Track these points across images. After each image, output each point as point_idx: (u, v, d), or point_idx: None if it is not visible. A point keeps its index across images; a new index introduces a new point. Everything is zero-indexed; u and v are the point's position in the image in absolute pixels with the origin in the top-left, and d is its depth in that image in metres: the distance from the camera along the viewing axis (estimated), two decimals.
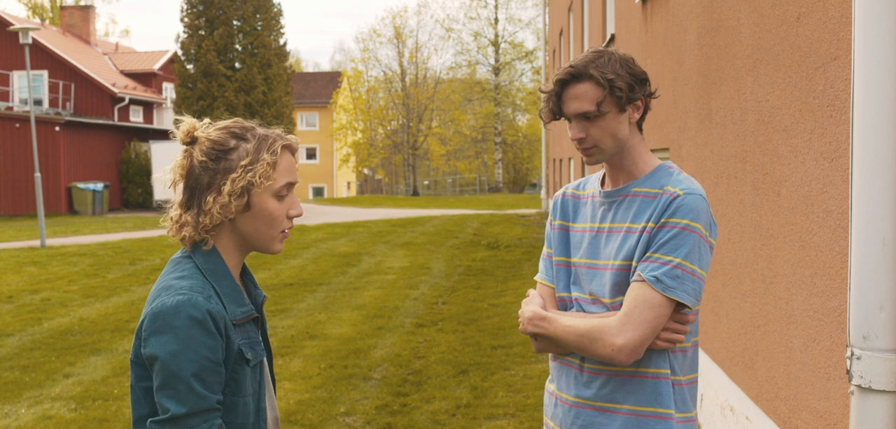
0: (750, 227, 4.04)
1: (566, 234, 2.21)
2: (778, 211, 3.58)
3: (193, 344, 1.71)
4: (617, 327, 1.95)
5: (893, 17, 2.26)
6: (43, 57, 32.60)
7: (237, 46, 30.00)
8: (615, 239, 2.06)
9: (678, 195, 1.98)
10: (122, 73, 36.95)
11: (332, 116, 49.98)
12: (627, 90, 2.01)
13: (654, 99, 2.12)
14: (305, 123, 52.15)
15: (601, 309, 2.07)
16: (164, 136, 33.57)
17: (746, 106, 4.07)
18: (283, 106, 30.10)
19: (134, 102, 35.43)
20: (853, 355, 2.39)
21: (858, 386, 2.39)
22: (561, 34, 20.53)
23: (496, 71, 50.16)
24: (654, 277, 1.94)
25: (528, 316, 2.14)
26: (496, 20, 49.84)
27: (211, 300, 1.77)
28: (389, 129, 50.61)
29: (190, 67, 29.59)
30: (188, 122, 1.87)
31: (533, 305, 2.16)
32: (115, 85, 33.80)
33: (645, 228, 2.00)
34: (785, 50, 3.45)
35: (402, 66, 49.33)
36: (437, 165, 53.25)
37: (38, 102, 32.13)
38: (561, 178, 20.24)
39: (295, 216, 1.90)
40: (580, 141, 2.06)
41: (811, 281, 3.15)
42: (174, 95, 31.46)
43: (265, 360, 1.95)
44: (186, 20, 29.75)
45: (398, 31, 49.16)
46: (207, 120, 1.92)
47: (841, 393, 2.84)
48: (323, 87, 53.69)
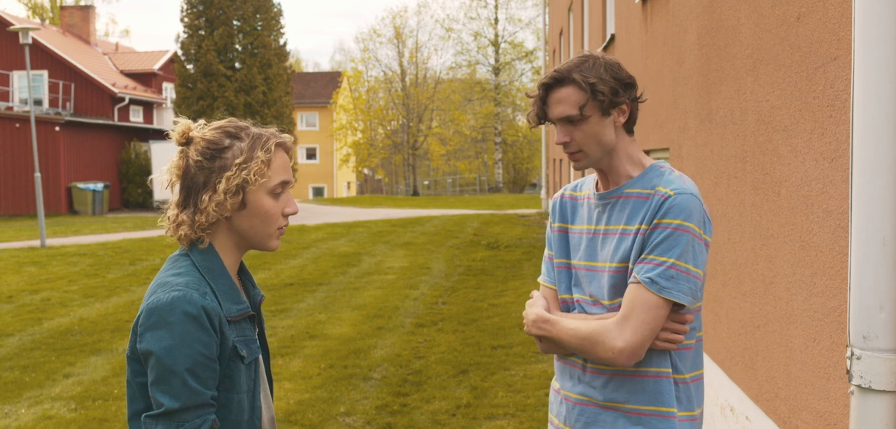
0: (750, 227, 4.03)
1: (565, 236, 2.23)
2: (778, 211, 3.58)
3: (188, 339, 1.73)
4: (616, 330, 1.97)
5: (893, 17, 2.26)
6: (43, 57, 32.60)
7: (237, 46, 30.02)
8: (611, 241, 2.08)
9: (669, 196, 2.00)
10: (122, 73, 36.95)
11: (332, 116, 49.98)
12: (610, 94, 2.02)
13: (641, 102, 2.13)
14: (305, 123, 52.12)
15: (602, 310, 2.09)
16: (164, 136, 33.56)
17: (746, 106, 4.07)
18: (283, 106, 30.10)
19: (134, 102, 35.44)
20: (853, 355, 2.40)
21: (858, 386, 2.39)
22: (561, 34, 20.53)
23: (496, 71, 50.17)
24: (648, 279, 1.96)
25: (532, 318, 2.16)
26: (496, 20, 49.87)
27: (206, 297, 1.78)
28: (389, 129, 50.62)
29: (190, 67, 29.60)
30: (183, 122, 1.89)
31: (537, 308, 2.18)
32: (115, 85, 33.81)
33: (639, 230, 2.01)
34: (785, 50, 3.45)
35: (402, 66, 49.34)
36: (437, 165, 53.26)
37: (38, 102, 32.13)
38: (561, 178, 20.23)
39: (290, 214, 1.92)
40: (565, 145, 2.09)
41: (811, 281, 3.15)
42: (174, 95, 31.47)
43: (261, 358, 1.96)
44: (186, 20, 29.76)
45: (398, 31, 49.19)
46: (202, 121, 1.94)
47: (841, 393, 2.84)
48: (323, 87, 53.68)
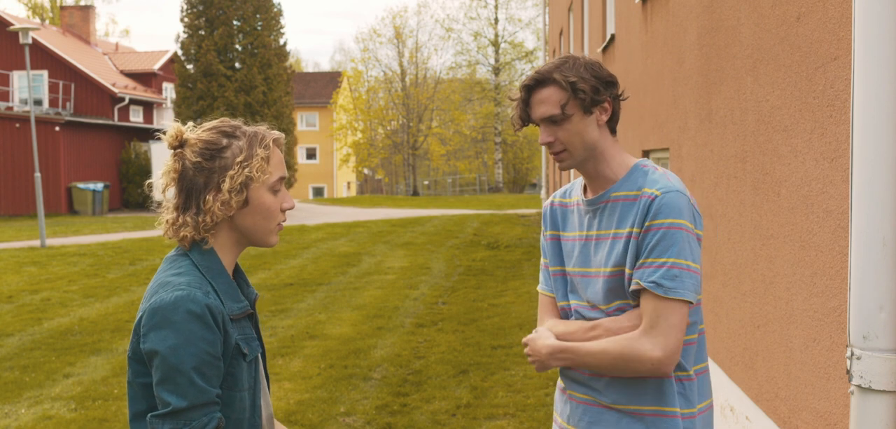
0: (750, 227, 4.03)
1: (558, 243, 2.24)
2: (778, 211, 3.58)
3: (193, 338, 1.73)
4: (649, 342, 1.95)
5: (893, 17, 2.26)
6: (43, 57, 32.59)
7: (237, 46, 30.00)
8: (603, 246, 2.09)
9: (656, 196, 2.00)
10: (122, 73, 36.95)
11: (332, 116, 49.97)
12: (591, 92, 2.03)
13: (623, 100, 2.13)
14: (305, 123, 52.11)
15: (600, 315, 2.09)
16: (159, 137, 33.53)
17: (746, 106, 4.07)
18: (283, 106, 30.09)
19: (134, 102, 35.44)
20: (853, 355, 2.40)
21: (858, 386, 2.39)
22: (561, 34, 20.52)
23: (496, 71, 50.17)
24: (653, 283, 1.95)
25: (547, 353, 2.11)
26: (496, 20, 49.88)
27: (209, 296, 1.79)
28: (389, 129, 50.62)
29: (190, 67, 29.59)
30: (175, 126, 1.89)
31: (548, 340, 2.12)
32: (115, 85, 33.80)
33: (631, 233, 2.02)
34: (785, 50, 3.45)
35: (402, 66, 49.34)
36: (437, 165, 53.25)
37: (38, 102, 32.13)
38: (561, 178, 20.23)
39: (288, 209, 1.94)
40: (549, 145, 2.10)
41: (811, 281, 3.15)
42: (174, 95, 31.45)
43: (260, 356, 1.97)
44: (186, 20, 29.76)
45: (398, 31, 49.19)
46: (191, 123, 1.95)
47: (841, 393, 2.84)
48: (323, 87, 53.67)
